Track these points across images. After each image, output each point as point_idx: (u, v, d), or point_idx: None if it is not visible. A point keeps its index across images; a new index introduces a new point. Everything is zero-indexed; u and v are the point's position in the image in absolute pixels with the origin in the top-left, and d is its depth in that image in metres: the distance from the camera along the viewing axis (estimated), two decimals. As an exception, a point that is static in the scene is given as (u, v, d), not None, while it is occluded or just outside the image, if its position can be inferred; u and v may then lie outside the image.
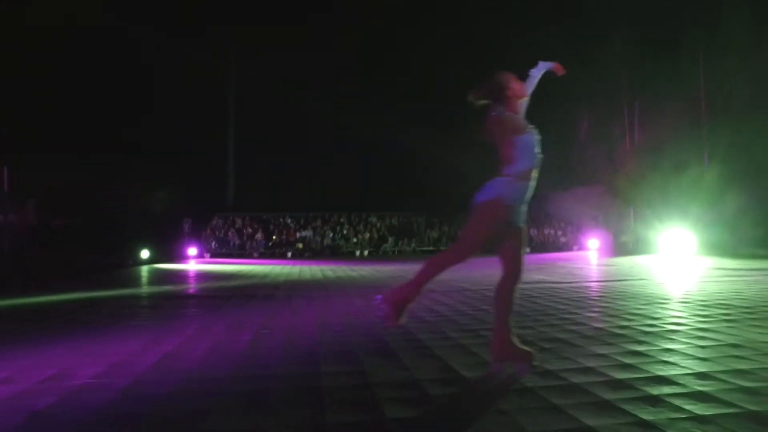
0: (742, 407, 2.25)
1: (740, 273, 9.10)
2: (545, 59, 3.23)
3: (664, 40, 21.19)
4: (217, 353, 3.48)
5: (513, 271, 2.87)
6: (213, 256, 20.95)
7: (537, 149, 2.82)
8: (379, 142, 28.54)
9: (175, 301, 6.57)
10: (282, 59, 28.48)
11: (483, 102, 2.88)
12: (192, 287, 8.54)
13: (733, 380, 2.63)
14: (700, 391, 2.47)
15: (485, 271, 10.74)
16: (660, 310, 4.88)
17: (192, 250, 20.29)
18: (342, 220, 24.81)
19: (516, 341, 2.95)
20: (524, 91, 2.95)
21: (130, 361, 3.26)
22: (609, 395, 2.43)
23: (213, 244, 22.32)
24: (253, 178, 27.86)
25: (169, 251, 19.80)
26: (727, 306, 5.04)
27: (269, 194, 26.49)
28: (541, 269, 11.01)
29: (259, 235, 23.25)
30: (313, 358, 3.26)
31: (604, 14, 22.36)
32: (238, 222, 24.58)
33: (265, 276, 10.59)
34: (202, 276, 10.94)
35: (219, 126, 28.47)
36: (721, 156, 19.80)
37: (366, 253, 22.17)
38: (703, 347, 3.35)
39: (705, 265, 11.30)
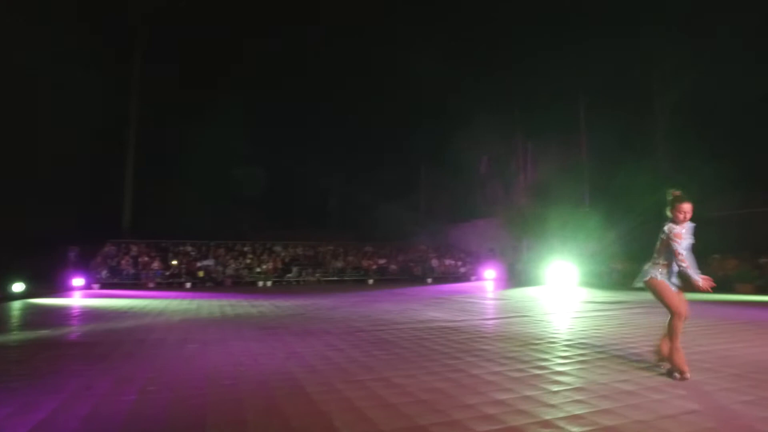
0: (567, 457, 2.69)
1: (606, 307, 10.29)
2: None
3: (552, 91, 23.68)
4: (98, 420, 3.39)
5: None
6: (103, 286, 19.46)
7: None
8: (283, 171, 28.55)
9: (50, 352, 6.05)
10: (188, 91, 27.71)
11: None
12: (74, 331, 7.91)
13: (568, 427, 3.10)
14: (540, 441, 2.89)
15: (382, 306, 11.09)
16: (530, 353, 5.45)
17: (78, 281, 18.74)
18: (246, 249, 24.22)
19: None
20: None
21: (-4, 435, 3.08)
22: (467, 449, 2.77)
23: (104, 273, 20.74)
24: (152, 202, 26.40)
25: (50, 282, 18.11)
26: (585, 346, 5.76)
27: (169, 220, 25.22)
28: (438, 304, 11.60)
29: (155, 264, 21.99)
30: (199, 421, 3.30)
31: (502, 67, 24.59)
32: (134, 249, 23.09)
33: (160, 313, 10.11)
34: (88, 315, 10.18)
35: (116, 143, 26.67)
36: (598, 195, 22.33)
37: (269, 283, 21.79)
38: (554, 393, 3.87)
39: (581, 298, 12.58)
